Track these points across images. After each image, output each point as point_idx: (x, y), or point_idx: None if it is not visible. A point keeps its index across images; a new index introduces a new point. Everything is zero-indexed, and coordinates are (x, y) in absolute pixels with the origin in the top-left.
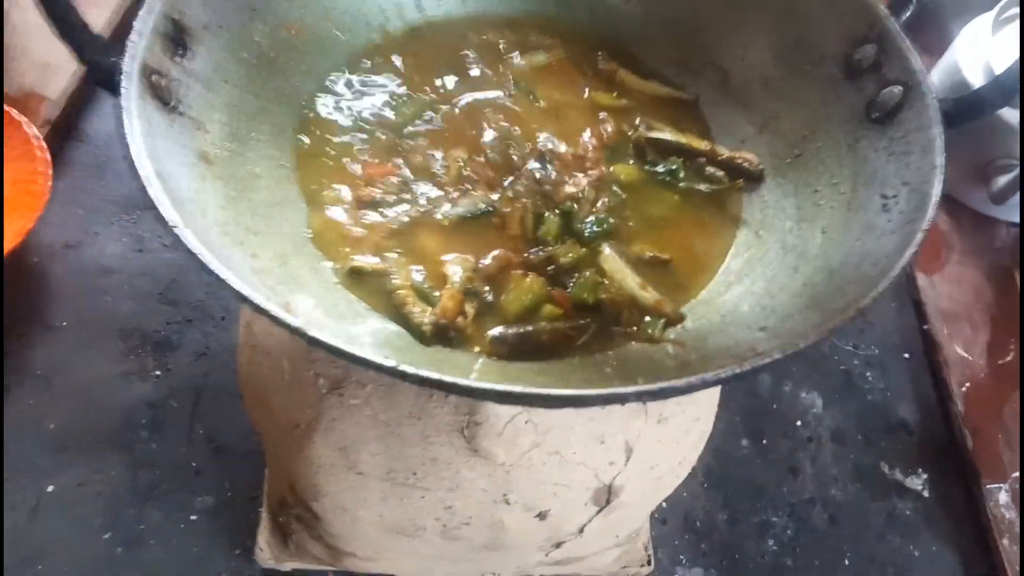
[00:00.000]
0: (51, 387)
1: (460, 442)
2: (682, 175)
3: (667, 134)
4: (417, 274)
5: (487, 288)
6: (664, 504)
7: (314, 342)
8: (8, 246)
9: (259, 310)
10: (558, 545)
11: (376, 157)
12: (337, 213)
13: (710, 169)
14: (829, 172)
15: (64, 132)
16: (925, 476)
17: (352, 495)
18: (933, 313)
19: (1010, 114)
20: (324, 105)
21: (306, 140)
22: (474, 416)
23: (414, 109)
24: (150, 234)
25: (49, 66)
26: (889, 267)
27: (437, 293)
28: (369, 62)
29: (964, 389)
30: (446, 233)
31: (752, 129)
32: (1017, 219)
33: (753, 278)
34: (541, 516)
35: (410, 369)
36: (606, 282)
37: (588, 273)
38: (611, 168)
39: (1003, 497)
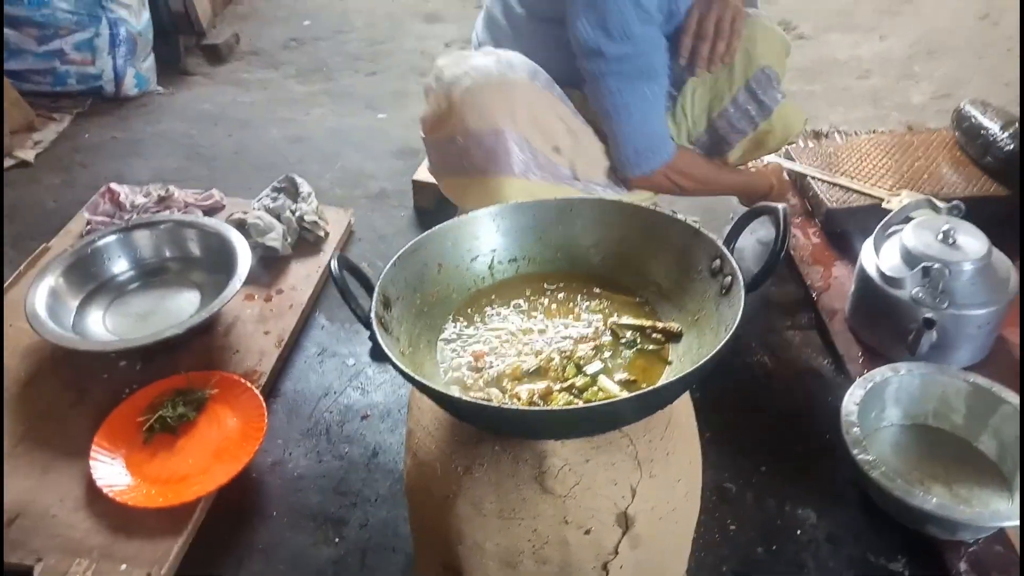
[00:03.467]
0: (268, 557)
1: (536, 486)
2: (639, 340)
3: (629, 319)
4: (505, 397)
5: (541, 401)
6: None
7: (470, 404)
8: (242, 464)
9: (440, 396)
10: (605, 568)
11: (478, 348)
12: (461, 374)
13: (655, 335)
14: (710, 324)
15: (270, 392)
16: (904, 560)
17: (482, 532)
18: None
19: (905, 293)
20: (448, 327)
21: (441, 344)
22: (541, 468)
23: (495, 324)
24: (324, 451)
25: (261, 354)
26: (708, 354)
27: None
28: (469, 306)
29: None
30: (518, 378)
31: (675, 311)
32: (936, 362)
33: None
34: (587, 532)
35: (528, 408)
36: (601, 393)
37: (592, 388)
38: (601, 340)
39: (963, 566)
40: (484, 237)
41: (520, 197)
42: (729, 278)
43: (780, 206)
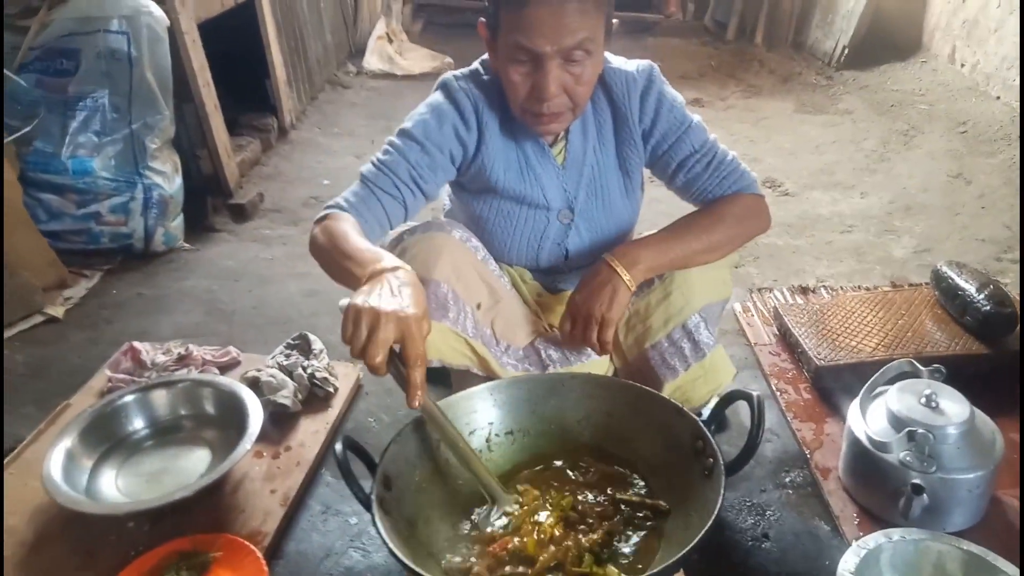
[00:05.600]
0: None
1: None
2: (635, 519)
3: (628, 496)
4: None
5: None
6: None
7: None
8: None
9: None
10: None
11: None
12: (462, 558)
13: (644, 511)
14: (696, 503)
15: (273, 553)
16: None
17: None
18: None
19: (894, 457)
20: (447, 505)
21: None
22: None
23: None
24: None
25: (266, 514)
26: (691, 540)
27: None
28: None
29: None
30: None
31: (664, 487)
32: (921, 527)
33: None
34: None
35: None
36: None
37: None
38: (601, 527)
39: None
40: (482, 411)
41: (439, 340)
42: (711, 460)
43: (755, 393)
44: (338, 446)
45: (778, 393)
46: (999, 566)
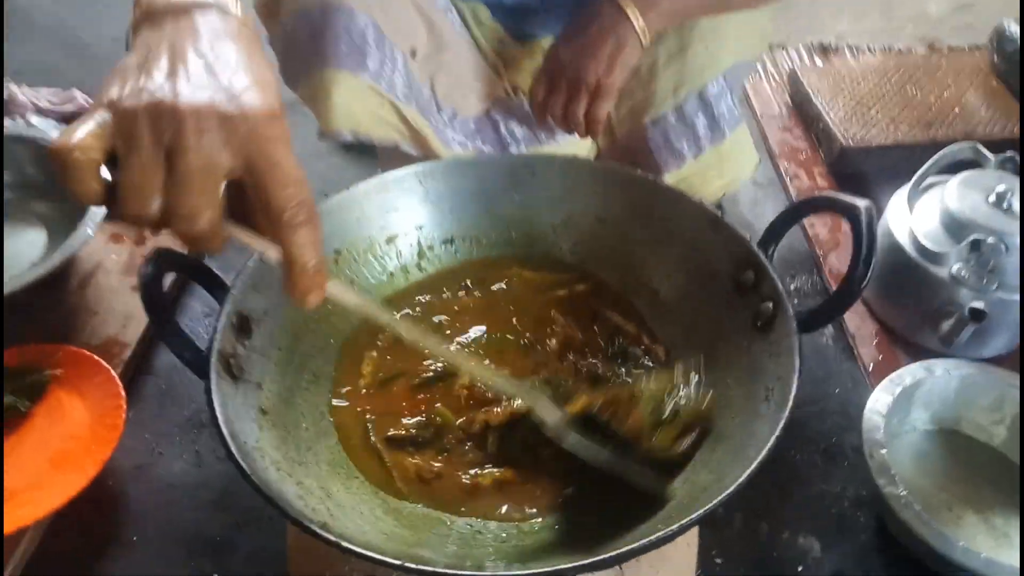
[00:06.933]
0: None
1: None
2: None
3: (616, 319)
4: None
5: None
6: None
7: (346, 551)
8: (90, 475)
9: (307, 530)
10: None
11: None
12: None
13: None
14: (734, 370)
15: (136, 368)
16: None
17: None
18: None
19: (945, 271)
20: (349, 354)
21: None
22: None
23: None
24: (206, 449)
25: (126, 317)
26: (761, 450)
27: None
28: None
29: None
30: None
31: (680, 336)
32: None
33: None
34: None
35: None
36: None
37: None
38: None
39: None
40: (406, 209)
41: (353, 103)
42: (769, 304)
43: (862, 204)
44: (147, 267)
45: (787, 178)
46: None
